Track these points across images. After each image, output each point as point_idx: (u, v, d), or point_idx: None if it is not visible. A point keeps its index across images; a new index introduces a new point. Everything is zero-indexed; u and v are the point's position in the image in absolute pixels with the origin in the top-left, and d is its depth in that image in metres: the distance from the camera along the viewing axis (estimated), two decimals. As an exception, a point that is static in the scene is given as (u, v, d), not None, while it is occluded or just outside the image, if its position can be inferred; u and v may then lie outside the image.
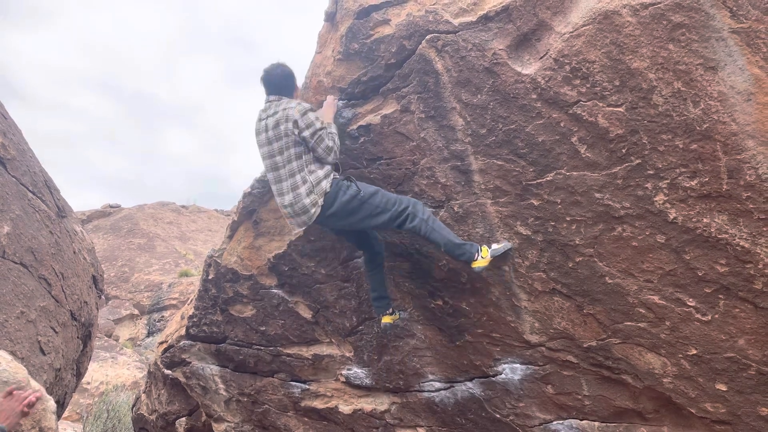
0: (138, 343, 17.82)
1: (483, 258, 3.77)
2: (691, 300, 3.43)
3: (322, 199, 3.87)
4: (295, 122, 3.84)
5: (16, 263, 5.49)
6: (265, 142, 4.00)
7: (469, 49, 3.52)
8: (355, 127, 4.19)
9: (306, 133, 3.85)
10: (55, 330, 5.89)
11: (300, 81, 4.29)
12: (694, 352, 3.55)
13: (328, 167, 3.96)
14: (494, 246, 3.86)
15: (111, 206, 25.70)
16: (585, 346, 3.96)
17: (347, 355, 5.22)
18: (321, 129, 3.87)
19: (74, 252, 6.79)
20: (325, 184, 3.89)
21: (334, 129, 3.99)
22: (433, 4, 3.63)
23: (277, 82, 4.05)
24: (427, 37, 3.66)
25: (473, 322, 4.38)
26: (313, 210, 3.88)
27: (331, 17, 4.20)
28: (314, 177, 3.88)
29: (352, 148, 4.26)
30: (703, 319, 3.43)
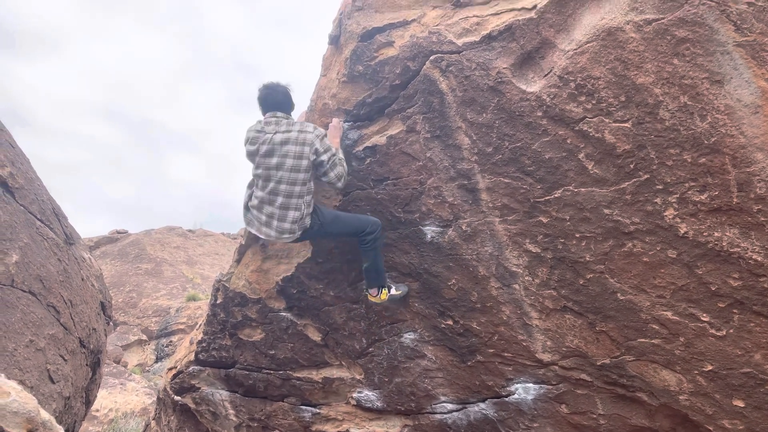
0: (146, 368, 17.75)
1: (381, 298, 4.37)
2: (704, 315, 3.39)
3: (299, 233, 4.16)
4: (314, 147, 3.94)
5: (24, 291, 5.49)
6: (267, 153, 4.04)
7: (473, 69, 3.54)
8: (361, 148, 4.19)
9: (324, 157, 3.98)
10: (64, 358, 5.87)
11: (305, 104, 4.33)
12: (710, 367, 3.50)
13: (313, 205, 4.16)
14: (393, 291, 4.42)
15: (118, 232, 25.78)
16: (598, 364, 3.91)
17: (358, 377, 5.17)
18: (335, 155, 4.03)
19: (82, 279, 6.79)
20: (308, 221, 4.14)
21: (341, 155, 4.10)
22: (437, 26, 3.65)
23: (282, 99, 4.15)
24: (431, 57, 3.68)
25: (484, 342, 4.34)
26: (286, 236, 4.15)
27: (335, 40, 4.23)
28: (305, 211, 4.09)
29: (359, 169, 4.26)
30: (718, 334, 3.38)
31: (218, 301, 5.52)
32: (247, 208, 4.32)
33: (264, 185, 4.11)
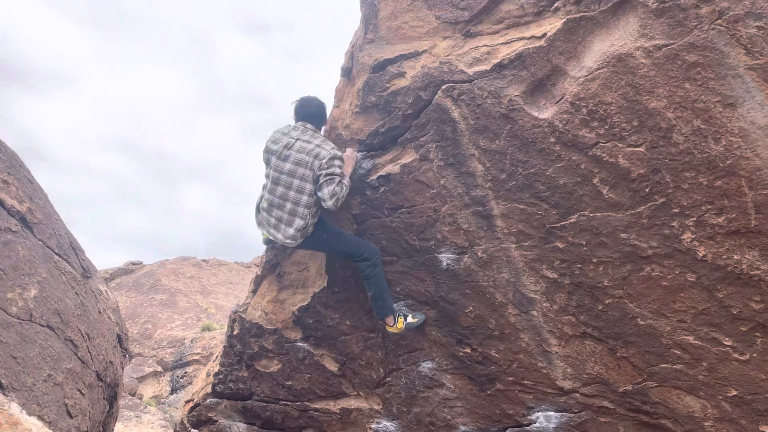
0: (162, 400, 17.68)
1: (398, 327, 4.42)
2: (727, 339, 3.34)
3: (301, 241, 4.26)
4: (322, 163, 4.01)
5: (43, 326, 5.53)
6: (284, 156, 4.17)
7: (485, 97, 3.57)
8: (375, 177, 4.22)
9: (322, 172, 4.03)
10: (81, 392, 5.88)
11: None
12: (735, 393, 3.44)
13: (319, 217, 4.26)
14: (409, 319, 4.46)
15: (133, 263, 25.95)
16: (621, 390, 3.85)
17: (376, 407, 5.13)
18: (337, 175, 4.05)
19: (99, 312, 6.83)
20: (310, 230, 4.25)
21: (347, 182, 4.13)
22: (447, 56, 3.70)
23: (315, 112, 4.29)
24: (443, 87, 3.72)
25: (503, 370, 4.30)
26: (289, 241, 4.25)
27: (347, 72, 4.29)
28: (310, 221, 4.18)
29: (373, 198, 4.28)
30: (741, 358, 3.33)
31: (235, 333, 5.52)
32: (258, 209, 4.46)
33: (273, 188, 4.22)
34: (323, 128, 4.42)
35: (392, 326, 4.41)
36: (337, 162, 4.05)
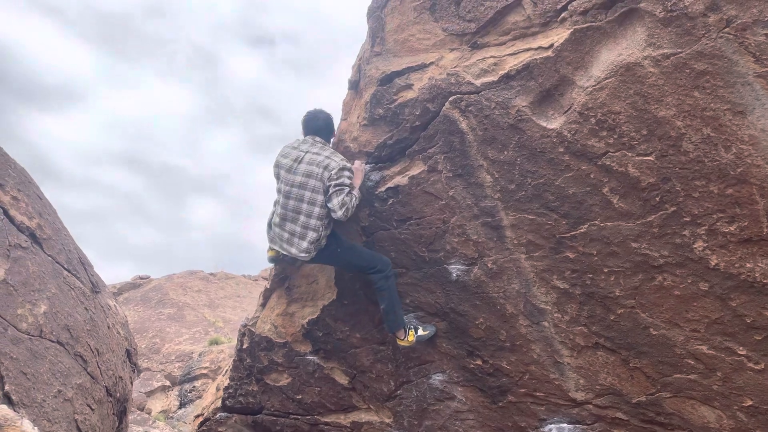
0: (170, 415, 17.63)
1: (408, 340, 4.39)
2: (741, 348, 3.31)
3: (314, 254, 4.24)
4: (331, 173, 4.04)
5: (53, 342, 5.54)
6: (294, 169, 4.21)
7: (493, 108, 3.57)
8: (383, 189, 4.23)
9: (331, 182, 4.04)
10: (91, 407, 5.87)
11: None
12: (750, 402, 3.40)
13: (330, 229, 4.25)
14: (420, 332, 4.42)
15: (141, 277, 25.99)
16: (634, 401, 3.82)
17: (387, 421, 5.10)
18: (347, 185, 4.06)
19: (108, 327, 6.84)
20: (323, 243, 4.24)
21: (357, 193, 4.14)
22: (455, 67, 3.71)
23: (322, 125, 4.33)
24: (450, 98, 3.73)
25: (515, 382, 4.27)
26: (303, 255, 4.23)
27: (354, 85, 4.31)
28: (323, 233, 4.18)
29: (382, 210, 4.29)
30: (756, 367, 3.30)
31: (244, 346, 5.51)
32: (270, 225, 4.45)
33: (285, 202, 4.24)
34: (332, 140, 4.44)
35: (403, 339, 4.39)
36: (346, 173, 4.07)
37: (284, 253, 4.34)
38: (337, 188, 4.02)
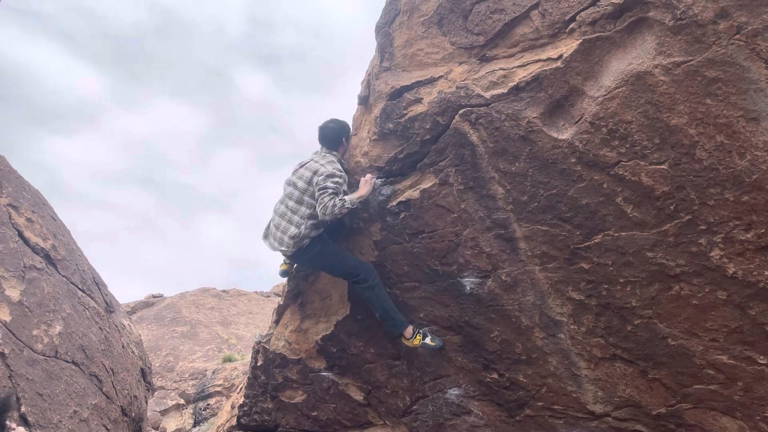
0: (185, 433, 17.56)
1: (414, 342, 4.39)
2: (762, 357, 3.25)
3: (294, 249, 4.38)
4: (319, 178, 4.19)
5: (68, 362, 5.55)
6: (295, 172, 4.52)
7: (503, 120, 3.57)
8: (394, 203, 4.22)
9: (318, 186, 4.17)
10: (107, 427, 5.87)
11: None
12: (774, 413, 3.34)
13: (318, 233, 4.35)
14: (427, 340, 4.42)
15: (154, 296, 26.06)
16: (654, 413, 3.76)
17: (402, 436, 5.05)
18: (330, 188, 4.11)
19: (123, 346, 6.85)
20: (306, 242, 4.36)
21: (348, 204, 4.09)
22: (464, 80, 3.71)
23: (328, 134, 4.50)
24: (460, 111, 3.73)
25: (532, 395, 4.22)
26: (283, 248, 4.42)
27: (364, 100, 4.33)
28: (305, 232, 4.29)
29: (393, 224, 4.28)
30: (779, 376, 3.24)
31: (258, 364, 5.50)
32: (267, 226, 4.70)
33: (280, 200, 4.54)
34: (340, 148, 4.52)
35: (409, 339, 4.41)
36: (333, 179, 4.18)
37: (273, 250, 4.54)
38: (321, 191, 4.15)
